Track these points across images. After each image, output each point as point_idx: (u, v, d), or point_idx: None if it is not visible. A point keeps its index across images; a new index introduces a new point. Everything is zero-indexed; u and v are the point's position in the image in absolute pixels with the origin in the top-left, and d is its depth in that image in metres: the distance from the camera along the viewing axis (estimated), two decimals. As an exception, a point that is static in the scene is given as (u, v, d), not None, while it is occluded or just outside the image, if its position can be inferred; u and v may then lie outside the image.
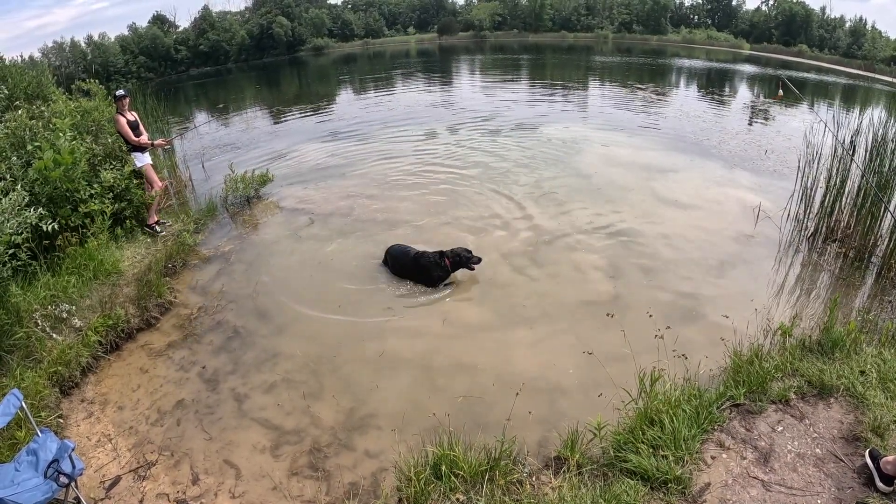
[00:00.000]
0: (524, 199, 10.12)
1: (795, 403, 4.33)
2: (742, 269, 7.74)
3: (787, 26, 67.66)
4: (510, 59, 47.93)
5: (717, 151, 13.98)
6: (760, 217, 9.20)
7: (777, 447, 3.90)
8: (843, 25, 68.01)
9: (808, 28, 67.04)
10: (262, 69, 50.90)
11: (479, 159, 12.80)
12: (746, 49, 64.92)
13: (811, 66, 50.42)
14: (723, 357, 5.12)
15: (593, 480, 3.65)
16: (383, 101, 23.88)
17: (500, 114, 18.89)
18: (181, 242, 8.02)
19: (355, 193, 10.73)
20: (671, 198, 10.28)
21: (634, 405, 4.26)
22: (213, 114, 23.85)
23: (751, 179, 11.60)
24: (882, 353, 4.90)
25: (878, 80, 44.13)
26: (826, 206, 8.49)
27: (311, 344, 6.13)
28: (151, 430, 4.93)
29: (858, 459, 3.74)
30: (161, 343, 6.23)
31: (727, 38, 69.53)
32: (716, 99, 25.42)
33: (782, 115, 20.28)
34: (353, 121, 18.77)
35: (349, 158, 13.43)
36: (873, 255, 7.85)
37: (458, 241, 8.20)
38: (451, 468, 3.68)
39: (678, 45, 65.91)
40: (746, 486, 3.60)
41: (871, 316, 6.04)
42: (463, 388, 5.30)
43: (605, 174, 11.70)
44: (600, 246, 8.29)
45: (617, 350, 5.39)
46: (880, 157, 7.91)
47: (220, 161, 13.14)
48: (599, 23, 75.28)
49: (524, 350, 5.94)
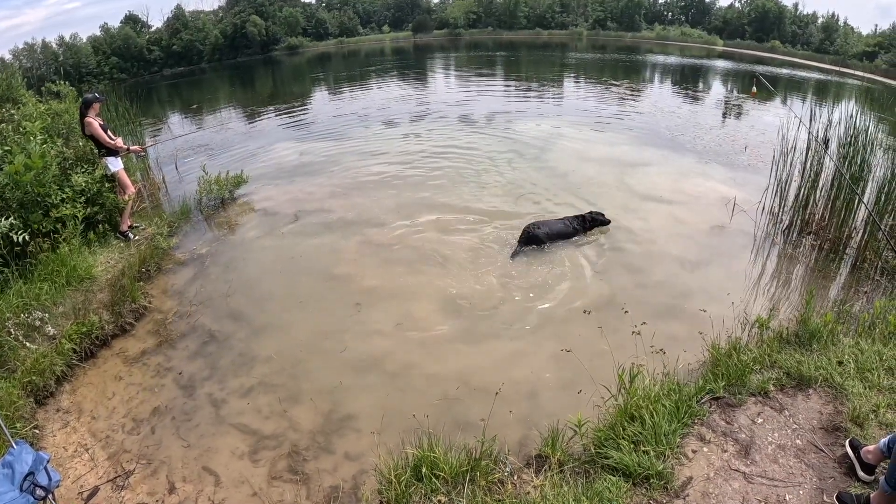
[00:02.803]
0: (501, 197, 10.11)
1: (775, 395, 4.35)
2: (718, 263, 7.81)
3: (760, 23, 68.62)
4: (485, 56, 48.05)
5: (692, 146, 14.12)
6: (736, 211, 9.29)
7: (758, 439, 3.91)
8: (816, 22, 69.21)
9: (780, 24, 68.08)
10: (236, 69, 50.62)
11: (455, 157, 12.78)
12: (720, 45, 65.82)
13: (784, 62, 51.23)
14: (701, 351, 5.15)
15: (575, 478, 3.63)
16: (358, 100, 23.87)
17: (476, 111, 18.93)
18: (155, 246, 7.90)
19: (330, 193, 10.68)
20: (647, 193, 10.35)
21: (614, 401, 4.25)
22: (187, 114, 23.59)
23: (725, 174, 11.71)
24: (859, 343, 4.95)
25: (850, 75, 44.88)
26: (801, 200, 8.59)
27: (287, 346, 6.06)
28: (128, 439, 4.84)
29: (839, 449, 3.76)
30: (136, 349, 6.12)
31: (701, 34, 70.43)
32: (690, 95, 25.69)
33: (756, 111, 20.52)
34: (328, 120, 18.73)
35: (324, 158, 13.37)
36: (848, 246, 7.95)
37: (432, 240, 8.28)
38: (431, 469, 3.64)
39: (652, 42, 66.69)
40: (728, 478, 3.60)
41: (848, 307, 6.10)
42: (441, 388, 5.28)
43: (581, 171, 11.74)
44: (577, 243, 8.29)
45: (595, 347, 5.40)
46: (853, 150, 8.02)
47: (193, 162, 12.96)
48: (574, 20, 75.94)
49: (502, 348, 5.92)
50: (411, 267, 7.64)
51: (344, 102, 23.73)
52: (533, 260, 7.80)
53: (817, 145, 8.34)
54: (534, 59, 46.08)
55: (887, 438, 3.35)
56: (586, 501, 3.34)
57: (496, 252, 8.00)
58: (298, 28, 67.36)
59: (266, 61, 56.91)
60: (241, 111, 23.31)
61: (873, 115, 8.86)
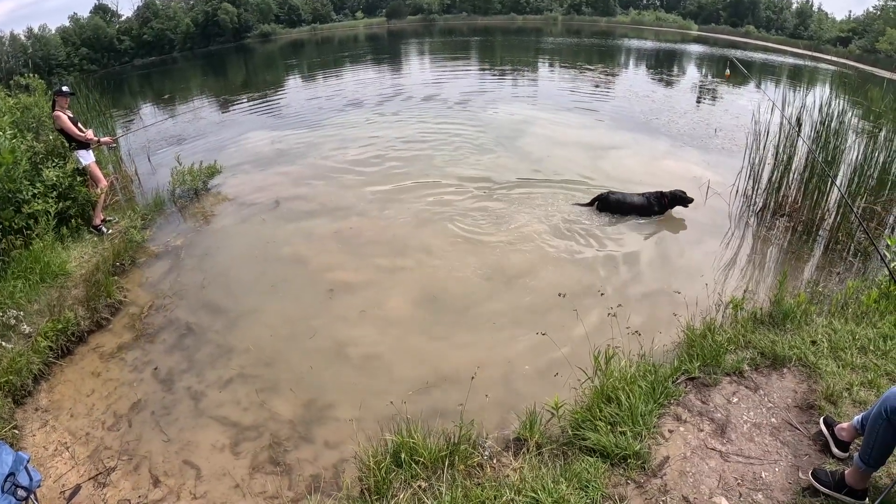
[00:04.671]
0: (475, 182, 10.16)
1: (749, 375, 4.41)
2: (692, 245, 7.91)
3: (735, 7, 69.12)
4: (460, 42, 47.81)
5: (666, 130, 14.26)
6: (709, 193, 9.39)
7: (733, 418, 3.96)
8: (790, 7, 69.81)
9: (755, 9, 68.64)
10: (208, 57, 49.86)
11: (429, 144, 12.80)
12: (695, 30, 66.28)
13: (758, 47, 51.59)
14: (676, 332, 5.22)
15: (553, 460, 3.66)
16: (332, 87, 23.68)
17: (450, 97, 18.91)
18: (129, 239, 7.79)
19: (304, 181, 10.66)
20: (621, 176, 10.44)
21: (591, 383, 4.28)
22: (159, 105, 23.24)
23: (700, 157, 11.85)
24: (832, 322, 5.03)
25: (823, 60, 45.40)
26: (774, 182, 8.71)
27: (264, 336, 6.05)
28: (108, 436, 4.79)
29: (813, 427, 3.82)
30: (113, 345, 6.05)
31: (675, 19, 70.84)
32: (664, 79, 25.87)
33: (730, 94, 20.72)
34: (302, 108, 18.61)
35: (298, 146, 13.29)
36: (821, 228, 8.08)
37: (407, 228, 8.35)
38: (411, 455, 3.65)
39: (627, 27, 67.05)
40: (705, 457, 3.64)
41: (821, 287, 6.21)
42: (418, 374, 5.30)
43: (555, 155, 11.81)
44: (553, 228, 8.34)
45: (571, 330, 5.43)
46: (826, 134, 8.13)
47: (166, 154, 12.80)
48: (549, 5, 75.89)
49: (477, 333, 5.96)
50: (387, 255, 7.65)
51: (318, 90, 23.51)
52: (509, 245, 7.84)
53: (791, 129, 8.44)
54: (508, 44, 45.99)
55: (861, 416, 3.41)
56: (565, 483, 3.36)
57: (469, 238, 8.05)
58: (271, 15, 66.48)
59: (238, 49, 56.12)
60: (214, 100, 23.00)
61: (846, 100, 8.98)
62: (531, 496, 3.28)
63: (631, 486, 3.43)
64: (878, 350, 4.59)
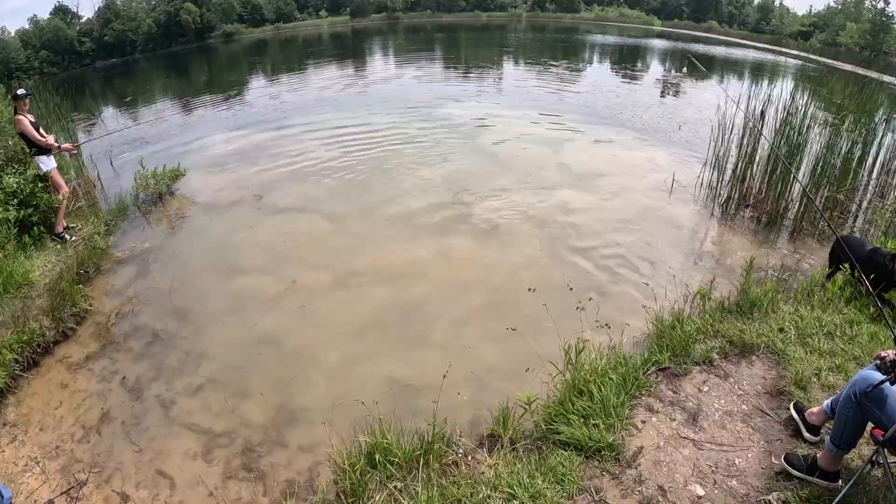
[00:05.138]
0: (441, 180, 10.19)
1: (719, 363, 4.49)
2: (659, 237, 8.00)
3: (698, 3, 70.22)
4: (424, 39, 47.77)
5: (631, 124, 14.47)
6: (675, 186, 9.52)
7: (705, 407, 4.03)
8: (752, 2, 70.95)
9: (717, 5, 69.78)
10: (170, 58, 48.86)
11: (394, 144, 12.74)
12: (658, 26, 67.06)
13: (721, 42, 52.39)
14: (645, 323, 5.27)
15: (528, 455, 3.67)
16: (296, 88, 23.37)
17: (416, 96, 18.90)
18: (93, 246, 7.62)
19: (267, 183, 10.54)
20: (586, 171, 10.59)
21: (562, 377, 4.30)
22: (121, 108, 22.78)
23: (665, 150, 12.04)
24: (799, 310, 5.15)
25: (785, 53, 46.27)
26: (738, 174, 8.88)
27: (232, 340, 5.97)
28: (78, 448, 4.67)
29: (784, 413, 3.90)
30: (80, 355, 5.90)
31: (639, 15, 71.70)
32: (629, 74, 26.22)
33: (693, 89, 21.08)
34: (266, 108, 18.38)
35: (262, 147, 13.12)
36: (785, 218, 8.24)
37: (377, 227, 8.29)
38: (385, 456, 3.63)
39: (591, 23, 67.65)
40: (678, 446, 3.69)
41: (787, 276, 6.32)
42: (388, 373, 5.29)
43: (520, 152, 11.91)
44: (520, 225, 8.39)
45: (541, 324, 5.45)
46: (789, 127, 8.28)
47: (129, 158, 12.51)
48: (513, 1, 76.12)
49: (447, 330, 5.96)
50: (356, 256, 7.60)
51: (282, 90, 23.14)
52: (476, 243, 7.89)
53: (754, 123, 8.58)
54: (473, 41, 46.12)
55: (830, 400, 3.49)
56: (540, 477, 3.38)
57: (436, 237, 8.06)
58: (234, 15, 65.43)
59: (201, 50, 55.11)
60: (177, 102, 22.49)
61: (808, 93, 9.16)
62: (507, 492, 3.29)
63: (606, 478, 3.47)
64: (844, 335, 4.71)
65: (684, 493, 3.35)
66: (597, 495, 3.32)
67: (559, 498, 3.27)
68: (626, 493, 3.35)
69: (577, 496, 3.33)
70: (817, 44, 54.65)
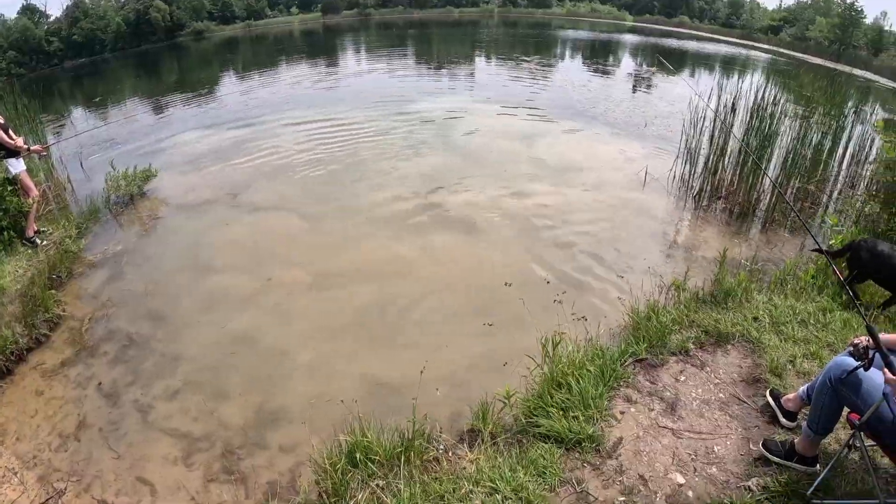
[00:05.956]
0: (416, 177, 10.18)
1: (695, 353, 4.55)
2: (633, 230, 8.09)
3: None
4: (396, 36, 47.48)
5: (604, 118, 14.63)
6: (648, 179, 9.63)
7: (682, 396, 4.08)
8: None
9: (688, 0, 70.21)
10: (140, 57, 47.94)
11: (368, 140, 12.70)
12: (629, 21, 67.50)
13: (692, 36, 52.87)
14: (621, 315, 5.34)
15: (509, 448, 3.69)
16: (268, 85, 23.09)
17: (389, 91, 18.84)
18: (65, 250, 7.49)
19: (240, 181, 10.43)
20: (560, 165, 10.67)
21: (540, 371, 4.34)
22: (91, 108, 22.35)
23: (638, 144, 12.17)
24: (772, 299, 5.25)
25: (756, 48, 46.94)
26: (710, 167, 9.01)
27: (209, 341, 5.91)
28: (56, 457, 4.58)
29: (760, 399, 3.97)
30: (54, 361, 5.79)
31: (610, 10, 72.00)
32: (601, 69, 26.45)
33: (665, 83, 21.31)
34: (237, 106, 18.09)
35: (233, 145, 12.96)
36: (757, 209, 8.37)
37: (352, 226, 8.24)
38: (366, 454, 3.61)
39: (563, 18, 67.84)
40: (657, 436, 3.73)
41: (760, 266, 6.42)
42: (367, 371, 5.28)
43: (494, 147, 11.94)
44: (496, 220, 8.42)
45: (518, 319, 5.48)
46: (759, 120, 8.41)
47: (100, 159, 12.28)
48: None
49: (424, 326, 5.95)
50: (330, 255, 7.57)
51: (253, 87, 22.87)
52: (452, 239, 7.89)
53: (724, 118, 8.71)
54: (445, 37, 46.00)
55: (806, 386, 3.56)
56: (522, 470, 3.40)
57: (411, 234, 8.05)
58: (204, 12, 64.35)
59: (172, 48, 53.96)
60: (148, 101, 22.01)
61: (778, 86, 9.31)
62: (489, 486, 3.31)
63: (587, 469, 3.50)
64: (818, 323, 4.80)
65: (665, 481, 3.39)
66: (578, 486, 3.35)
67: (541, 490, 3.29)
68: (608, 484, 3.38)
69: (560, 488, 3.35)
70: (787, 38, 55.51)
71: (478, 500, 3.22)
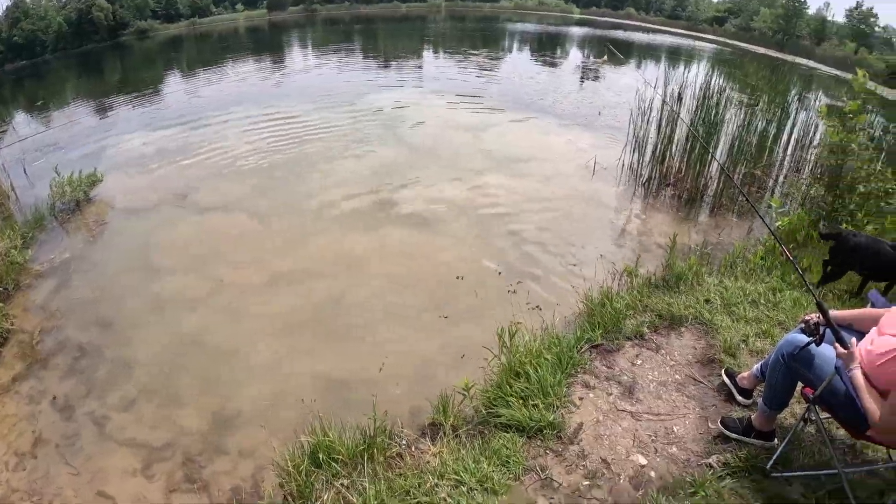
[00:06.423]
0: (368, 173, 10.13)
1: (650, 337, 4.65)
2: (583, 219, 8.21)
3: (616, -10, 71.50)
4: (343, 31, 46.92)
5: (552, 109, 14.85)
6: (597, 168, 9.78)
7: (639, 379, 4.16)
8: (669, -12, 72.78)
9: (635, -8, 71.27)
10: (83, 58, 46.35)
11: (316, 136, 12.58)
12: (577, 13, 68.05)
13: (639, 28, 53.70)
14: (576, 303, 5.41)
15: (471, 440, 3.70)
16: (213, 83, 22.43)
17: (337, 87, 18.72)
18: (10, 261, 7.25)
19: (187, 181, 10.22)
20: (510, 157, 10.77)
21: (498, 361, 4.37)
22: (33, 112, 21.59)
23: (587, 134, 12.41)
24: (723, 281, 5.39)
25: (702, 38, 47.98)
26: (658, 155, 9.20)
27: (161, 346, 5.77)
28: (14, 477, 4.42)
29: (716, 379, 4.07)
30: (5, 378, 5.58)
31: (558, 3, 72.34)
32: (549, 61, 26.73)
33: (613, 74, 21.71)
34: (182, 106, 17.61)
35: (179, 145, 12.65)
36: (705, 195, 8.58)
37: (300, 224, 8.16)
38: (328, 454, 3.59)
39: (511, 11, 67.94)
40: (617, 419, 3.79)
41: (709, 249, 6.59)
42: (325, 369, 5.23)
43: (444, 141, 11.98)
44: (447, 213, 8.45)
45: (473, 311, 5.50)
46: (706, 108, 8.63)
47: (44, 164, 11.74)
48: (432, -9, 75.53)
49: (379, 324, 5.92)
50: (280, 255, 7.46)
51: (198, 86, 22.19)
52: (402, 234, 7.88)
53: (671, 105, 8.90)
54: (393, 32, 45.69)
55: (760, 364, 3.67)
56: (485, 461, 3.41)
57: (362, 232, 7.99)
58: (148, 10, 62.65)
59: (115, 48, 52.05)
60: (91, 103, 21.15)
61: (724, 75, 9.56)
62: (454, 479, 3.31)
63: (550, 456, 3.53)
64: (768, 302, 4.96)
65: (627, 463, 3.45)
66: (542, 473, 3.38)
67: (506, 480, 3.31)
68: (571, 469, 3.42)
69: (524, 476, 3.38)
70: (732, 29, 56.83)
71: (443, 493, 3.21)
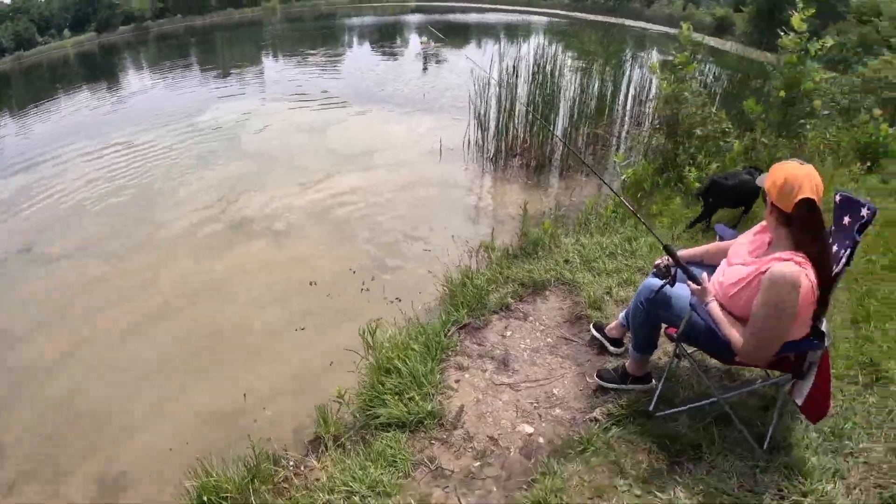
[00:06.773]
0: (215, 192, 9.81)
1: (516, 306, 4.74)
2: (433, 202, 8.36)
3: (447, -26, 72.61)
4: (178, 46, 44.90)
5: (394, 99, 15.15)
6: (443, 150, 9.98)
7: (512, 350, 4.22)
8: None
9: (465, -25, 72.63)
10: None
11: (159, 160, 12.03)
12: (412, 2, 68.50)
13: (473, 9, 54.79)
14: (435, 288, 5.44)
15: (355, 447, 3.63)
16: (46, 120, 20.19)
17: (175, 105, 18.01)
18: None
19: (30, 231, 9.34)
20: (356, 151, 10.85)
21: (366, 362, 4.33)
22: None
23: (429, 118, 12.68)
24: (579, 240, 5.61)
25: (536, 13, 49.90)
26: (501, 128, 9.48)
27: (29, 421, 5.24)
28: None
29: (586, 335, 4.21)
30: None
31: (392, -8, 72.49)
32: (388, 52, 27.11)
33: (454, 56, 22.17)
34: (14, 148, 15.77)
35: (16, 192, 11.44)
36: (552, 159, 8.95)
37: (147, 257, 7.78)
38: (216, 494, 3.42)
39: (348, 7, 67.37)
40: (497, 394, 3.82)
41: (563, 211, 6.86)
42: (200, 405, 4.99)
43: (290, 145, 11.88)
44: (298, 220, 8.34)
45: (330, 315, 5.43)
46: (542, 77, 8.97)
47: None
48: (265, -6, 73.66)
49: (242, 347, 5.74)
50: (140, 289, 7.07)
51: (30, 124, 19.91)
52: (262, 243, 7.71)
53: (507, 81, 9.20)
54: (229, 40, 44.30)
55: (624, 312, 3.83)
56: (372, 465, 3.35)
57: (214, 251, 7.78)
58: (-34, 48, 57.04)
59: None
60: None
61: (558, 44, 9.97)
62: (345, 490, 3.23)
63: (436, 445, 3.51)
64: (625, 252, 5.23)
65: (514, 435, 3.47)
66: (432, 465, 3.35)
67: (397, 479, 3.26)
68: (460, 454, 3.41)
69: (414, 472, 3.34)
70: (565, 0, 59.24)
71: (337, 507, 3.16)
